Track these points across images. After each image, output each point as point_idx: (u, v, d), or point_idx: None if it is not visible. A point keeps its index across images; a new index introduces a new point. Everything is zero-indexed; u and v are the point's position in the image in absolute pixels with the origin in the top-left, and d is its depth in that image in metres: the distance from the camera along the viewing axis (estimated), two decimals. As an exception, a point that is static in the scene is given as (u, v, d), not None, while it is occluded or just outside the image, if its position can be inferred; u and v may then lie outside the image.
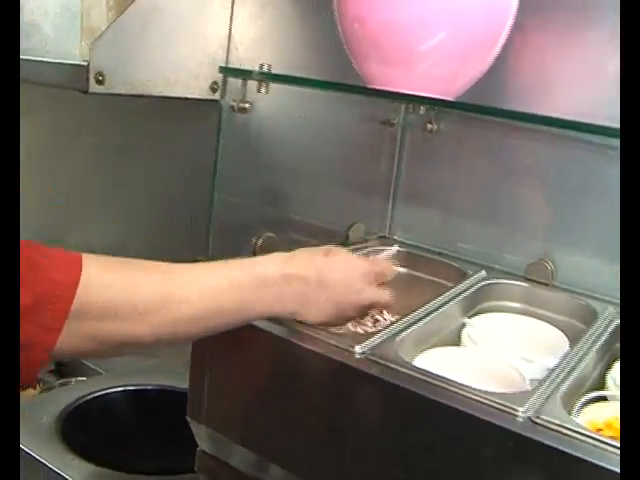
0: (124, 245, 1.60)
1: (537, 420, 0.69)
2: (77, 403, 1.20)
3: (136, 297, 0.70)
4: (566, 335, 0.94)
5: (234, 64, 1.38)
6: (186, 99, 1.31)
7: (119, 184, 1.64)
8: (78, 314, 0.65)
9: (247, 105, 0.86)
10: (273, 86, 1.03)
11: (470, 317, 0.97)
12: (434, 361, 0.83)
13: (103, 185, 1.70)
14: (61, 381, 1.46)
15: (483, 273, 1.05)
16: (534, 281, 1.04)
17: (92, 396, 1.24)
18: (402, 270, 1.11)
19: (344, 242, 1.09)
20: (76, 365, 1.65)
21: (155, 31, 1.20)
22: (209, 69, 1.33)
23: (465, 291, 0.98)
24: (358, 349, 0.80)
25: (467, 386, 0.73)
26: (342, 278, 0.80)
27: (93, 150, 1.71)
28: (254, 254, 0.94)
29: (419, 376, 0.75)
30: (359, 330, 1.00)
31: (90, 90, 1.14)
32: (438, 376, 0.75)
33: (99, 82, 1.15)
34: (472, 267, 1.08)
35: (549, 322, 0.98)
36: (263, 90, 0.85)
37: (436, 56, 0.81)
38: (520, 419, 0.70)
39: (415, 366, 0.77)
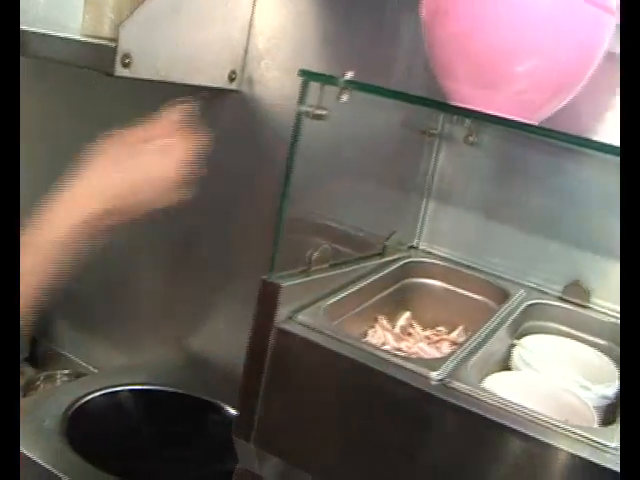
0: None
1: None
2: (78, 405, 1.13)
3: None
4: (613, 360, 0.95)
5: (251, 53, 1.32)
6: (205, 88, 1.25)
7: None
8: None
9: (324, 112, 0.81)
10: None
11: (516, 338, 0.96)
12: (502, 387, 0.82)
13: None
14: (45, 374, 1.37)
15: (522, 292, 1.04)
16: (570, 302, 1.05)
17: (91, 396, 1.17)
18: (438, 284, 1.10)
19: (382, 253, 1.07)
20: (52, 355, 1.57)
21: (184, 14, 1.13)
22: (229, 57, 1.28)
23: (513, 312, 0.97)
24: (434, 375, 0.78)
25: (554, 419, 0.72)
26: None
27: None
28: (309, 264, 0.90)
29: (506, 407, 0.74)
30: (402, 346, 0.98)
31: (116, 73, 1.07)
32: (526, 409, 0.73)
33: (125, 65, 1.07)
34: (503, 283, 1.08)
35: (590, 345, 0.99)
36: (344, 98, 0.81)
37: (529, 81, 0.79)
38: (610, 455, 0.70)
39: (502, 397, 0.75)
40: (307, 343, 0.79)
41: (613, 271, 1.04)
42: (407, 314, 1.07)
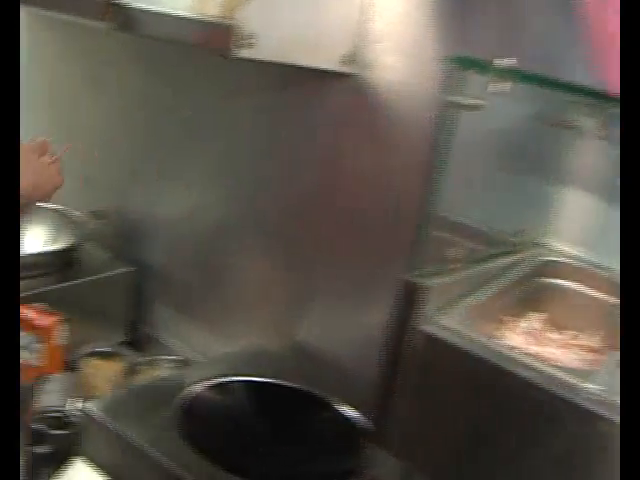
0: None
1: None
2: (187, 394, 1.11)
3: None
4: None
5: (368, 36, 1.26)
6: (317, 70, 1.20)
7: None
8: None
9: (481, 102, 0.75)
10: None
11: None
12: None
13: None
14: (147, 359, 1.36)
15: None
16: None
17: (201, 386, 1.14)
18: (570, 285, 1.03)
19: (511, 251, 1.01)
20: (151, 340, 1.57)
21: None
22: (345, 38, 1.22)
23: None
24: (589, 388, 0.72)
25: None
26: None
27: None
28: (443, 263, 0.86)
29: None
30: (532, 350, 0.93)
31: (239, 55, 1.03)
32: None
33: (248, 46, 1.03)
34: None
35: None
36: (505, 87, 0.75)
37: None
38: None
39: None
40: (454, 349, 0.74)
41: None
42: (536, 316, 1.01)
